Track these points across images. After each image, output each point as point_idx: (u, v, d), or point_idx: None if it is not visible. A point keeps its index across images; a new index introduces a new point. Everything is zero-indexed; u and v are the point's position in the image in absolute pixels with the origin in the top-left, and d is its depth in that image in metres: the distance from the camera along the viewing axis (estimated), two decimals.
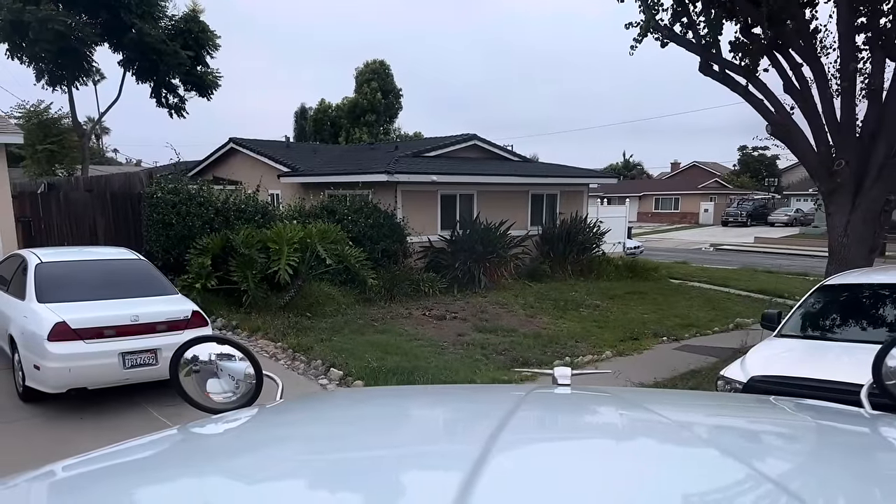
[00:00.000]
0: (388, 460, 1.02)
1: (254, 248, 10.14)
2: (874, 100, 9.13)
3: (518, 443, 1.06)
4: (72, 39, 15.09)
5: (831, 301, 6.02)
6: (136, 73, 17.66)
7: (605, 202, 27.04)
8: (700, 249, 30.69)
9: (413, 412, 1.49)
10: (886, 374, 1.48)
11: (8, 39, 15.08)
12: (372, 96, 32.30)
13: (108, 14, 15.55)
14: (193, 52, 16.92)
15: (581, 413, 1.48)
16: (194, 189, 10.82)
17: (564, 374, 1.76)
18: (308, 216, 12.27)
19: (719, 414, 1.46)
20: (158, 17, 16.58)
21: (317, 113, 35.08)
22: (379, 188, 13.66)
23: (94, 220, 10.94)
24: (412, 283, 13.06)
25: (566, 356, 8.95)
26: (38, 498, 0.93)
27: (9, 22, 14.53)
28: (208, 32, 17.22)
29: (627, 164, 67.31)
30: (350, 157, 17.40)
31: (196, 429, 1.26)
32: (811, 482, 0.91)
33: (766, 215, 43.61)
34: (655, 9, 9.23)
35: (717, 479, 0.89)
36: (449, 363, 8.48)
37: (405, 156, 15.02)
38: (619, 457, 1.06)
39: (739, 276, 18.16)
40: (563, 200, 17.18)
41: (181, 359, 1.59)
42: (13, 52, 15.42)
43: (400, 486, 0.88)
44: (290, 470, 0.99)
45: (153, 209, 10.39)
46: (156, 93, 18.21)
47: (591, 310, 12.26)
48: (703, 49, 9.36)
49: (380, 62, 33.52)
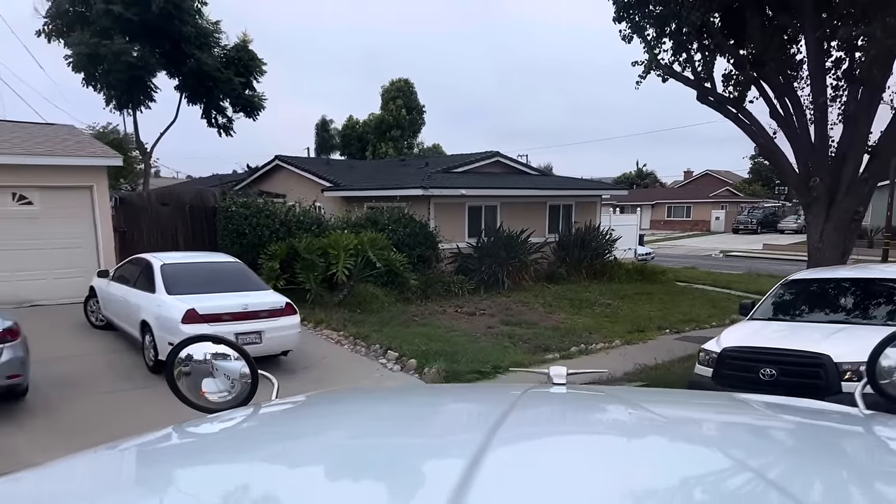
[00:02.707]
0: (385, 458, 1.03)
1: (314, 253, 11.90)
2: (849, 124, 10.68)
3: (513, 441, 1.07)
4: (139, 69, 17.02)
5: (792, 292, 7.62)
6: (189, 96, 19.56)
7: (617, 211, 28.56)
8: (710, 256, 32.03)
9: (409, 411, 1.48)
10: (880, 373, 1.48)
11: (85, 69, 17.04)
12: (397, 113, 34.32)
13: (169, 45, 17.46)
14: (244, 78, 18.81)
15: (576, 411, 1.49)
16: (262, 203, 12.61)
17: (560, 373, 1.76)
18: (354, 226, 14.02)
19: (714, 413, 1.46)
20: (213, 47, 18.49)
21: (345, 129, 37.15)
22: (414, 201, 15.38)
23: (175, 230, 12.79)
24: (444, 284, 14.72)
25: (581, 344, 10.57)
26: (33, 498, 0.90)
27: (86, 55, 16.47)
28: (256, 60, 19.10)
29: (640, 173, 68.60)
30: (384, 172, 19.21)
31: (192, 428, 1.26)
32: (805, 481, 0.91)
33: (776, 223, 44.70)
34: (657, 49, 10.88)
35: (710, 477, 0.90)
36: (483, 348, 10.12)
37: (436, 172, 16.74)
38: (613, 454, 1.06)
39: (743, 279, 19.66)
40: (577, 210, 18.82)
41: (176, 358, 1.62)
42: (88, 81, 17.40)
43: (397, 483, 0.89)
44: (286, 468, 1.00)
45: (228, 220, 12.19)
46: (206, 114, 20.09)
47: (603, 308, 13.85)
48: (699, 83, 10.99)
49: (404, 80, 35.56)
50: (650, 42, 10.84)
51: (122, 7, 15.91)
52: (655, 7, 10.66)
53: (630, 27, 10.81)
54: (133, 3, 15.99)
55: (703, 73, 10.87)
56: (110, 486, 0.96)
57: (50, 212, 11.46)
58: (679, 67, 11.08)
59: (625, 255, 20.56)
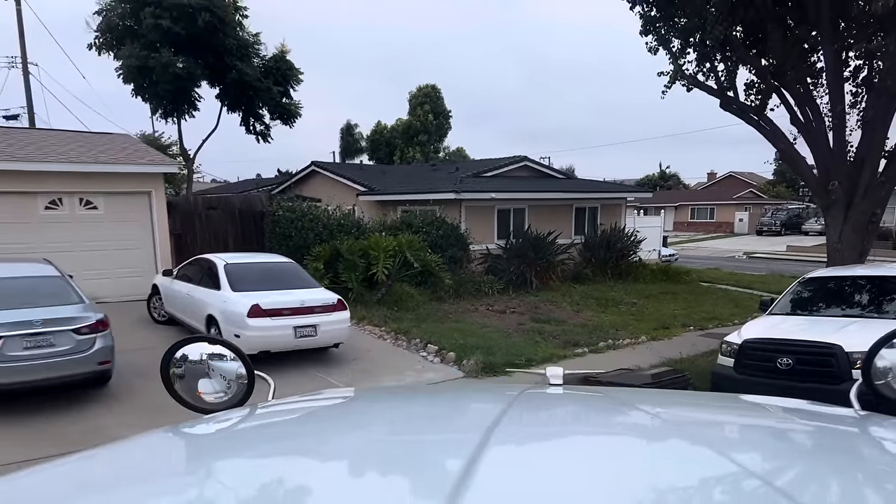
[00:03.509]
0: (381, 458, 1.04)
1: (356, 254, 12.67)
2: (867, 130, 11.16)
3: (509, 441, 1.08)
4: (184, 80, 17.97)
5: (810, 289, 8.18)
6: (229, 104, 20.49)
7: (641, 213, 28.91)
8: (733, 257, 32.28)
9: (406, 411, 1.49)
10: (875, 374, 1.49)
11: (134, 81, 18.03)
12: (424, 118, 35.20)
13: (213, 57, 18.37)
14: (282, 87, 19.69)
15: (572, 411, 1.51)
16: (307, 207, 13.42)
17: (556, 374, 1.77)
18: (390, 228, 14.77)
19: (709, 413, 1.47)
20: (253, 57, 19.39)
21: (373, 133, 38.13)
22: (446, 204, 16.09)
23: (226, 233, 13.67)
24: (475, 284, 15.38)
25: (609, 339, 11.18)
26: (28, 500, 0.90)
27: (136, 67, 17.45)
28: (293, 70, 19.96)
29: (664, 175, 68.64)
30: (416, 177, 19.97)
31: (187, 429, 1.27)
32: (801, 481, 0.91)
33: (800, 224, 44.59)
34: (682, 60, 11.47)
35: (705, 477, 0.90)
36: (515, 343, 10.77)
37: (467, 176, 17.45)
38: (608, 454, 1.08)
39: (765, 280, 20.07)
40: (603, 212, 19.39)
41: (172, 358, 1.62)
42: (137, 91, 18.40)
43: (394, 483, 0.90)
44: (283, 468, 1.00)
45: (276, 224, 13.03)
46: (245, 121, 21.00)
47: (628, 306, 14.43)
48: (722, 93, 11.55)
49: (431, 86, 36.47)
50: (675, 53, 11.43)
51: (170, 21, 16.85)
52: (680, 20, 11.25)
53: (656, 39, 11.41)
54: (181, 18, 16.93)
55: (726, 82, 11.43)
56: (104, 487, 0.95)
57: (113, 216, 12.39)
58: (703, 77, 11.65)
59: (649, 256, 21.06)
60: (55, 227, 11.85)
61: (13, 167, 11.28)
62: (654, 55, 11.66)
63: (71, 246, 11.63)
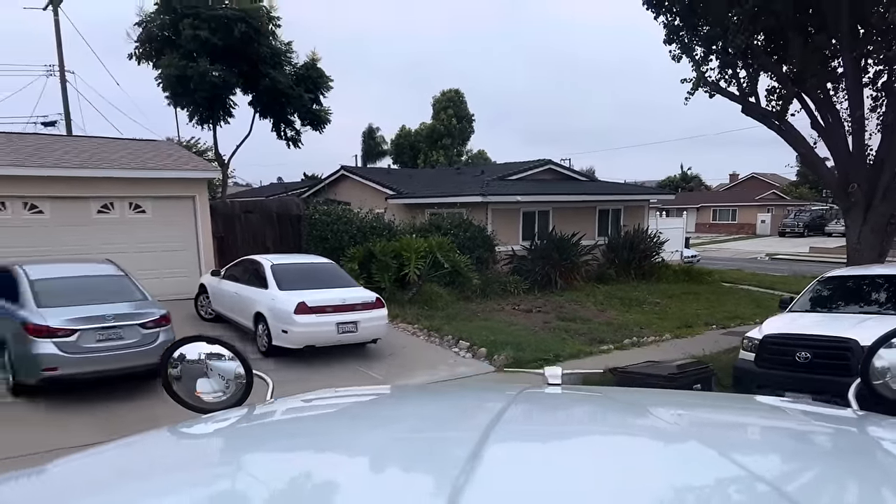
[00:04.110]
0: (379, 458, 1.04)
1: (388, 255, 13.23)
2: (887, 133, 11.45)
3: (507, 440, 1.08)
4: (220, 88, 18.73)
5: (828, 287, 8.57)
6: (261, 111, 21.22)
7: (663, 214, 29.13)
8: (755, 259, 32.33)
9: (404, 411, 1.49)
10: (873, 373, 1.51)
11: (173, 89, 18.83)
12: (448, 122, 35.88)
13: (248, 66, 19.12)
14: (312, 94, 20.38)
15: (570, 411, 1.52)
16: (342, 211, 14.04)
17: (555, 373, 1.77)
18: (419, 231, 15.32)
19: (707, 413, 1.48)
20: (285, 65, 20.11)
21: (398, 137, 38.91)
22: (473, 207, 16.60)
23: (264, 235, 14.34)
24: (501, 284, 15.86)
25: (634, 337, 11.61)
26: (26, 500, 0.91)
27: (175, 76, 18.24)
28: (324, 77, 20.66)
29: (685, 177, 68.49)
30: (442, 180, 20.54)
31: (185, 429, 1.27)
32: (799, 480, 0.92)
33: (824, 226, 44.33)
34: (704, 68, 11.87)
35: (702, 477, 0.91)
36: (543, 340, 11.24)
37: (492, 180, 17.97)
38: (606, 453, 1.09)
39: (787, 281, 20.28)
40: (626, 214, 19.78)
41: (170, 358, 1.64)
42: (175, 99, 19.21)
43: (394, 483, 0.91)
44: (281, 469, 1.00)
45: (312, 227, 13.66)
46: (276, 127, 21.73)
47: (652, 306, 14.81)
48: (743, 99, 11.92)
49: (455, 91, 37.16)
50: (698, 61, 11.84)
51: (208, 32, 17.61)
52: (702, 27, 11.66)
53: (680, 48, 11.83)
54: (218, 29, 17.68)
55: (747, 88, 11.80)
56: (100, 487, 0.96)
57: (160, 219, 13.11)
58: (725, 84, 12.03)
59: (671, 257, 21.38)
60: (107, 230, 12.59)
61: (71, 174, 12.04)
62: (677, 63, 12.08)
63: (121, 247, 12.32)
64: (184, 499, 0.87)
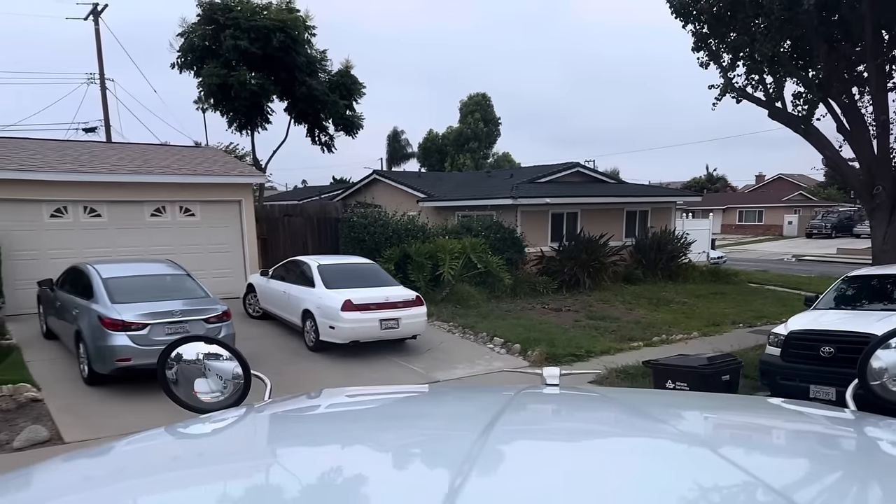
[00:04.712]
0: (377, 458, 1.05)
1: (423, 256, 13.79)
2: None
3: (505, 441, 1.08)
4: (259, 95, 19.47)
5: (852, 286, 8.93)
6: (296, 117, 21.93)
7: (689, 216, 29.31)
8: (782, 260, 32.29)
9: (403, 411, 1.50)
10: (871, 374, 1.52)
11: (213, 97, 19.64)
12: (475, 126, 36.54)
13: (285, 74, 19.85)
14: (346, 101, 21.06)
15: (568, 411, 1.53)
16: (378, 214, 14.65)
17: (553, 374, 1.80)
18: (451, 232, 15.86)
19: (704, 413, 1.48)
20: (320, 73, 20.81)
21: (426, 142, 39.69)
22: (503, 210, 17.10)
23: (305, 238, 15.05)
24: (530, 284, 16.31)
25: (662, 335, 12.02)
26: (26, 499, 0.91)
27: (216, 84, 19.03)
28: (357, 84, 21.32)
29: (711, 178, 68.15)
30: (472, 184, 21.08)
31: (183, 428, 1.28)
32: (796, 480, 0.93)
33: (852, 227, 43.93)
34: (731, 74, 12.25)
35: (700, 477, 0.91)
36: (574, 337, 11.68)
37: (521, 183, 18.43)
38: (604, 453, 1.09)
39: (813, 281, 20.42)
40: (653, 216, 20.11)
41: (168, 358, 1.64)
42: (216, 107, 20.03)
43: (391, 484, 0.90)
44: (278, 469, 1.01)
45: (350, 229, 14.28)
46: (310, 133, 22.44)
47: (679, 305, 15.16)
48: (770, 104, 12.28)
49: (482, 95, 37.86)
50: (725, 68, 12.22)
51: (247, 42, 18.37)
52: (730, 35, 12.05)
53: (707, 55, 12.23)
54: (257, 39, 18.44)
55: (774, 94, 12.16)
56: (101, 487, 0.96)
57: (208, 222, 13.84)
58: (751, 90, 12.40)
59: (698, 258, 21.65)
60: (159, 232, 13.35)
61: (126, 179, 12.82)
62: (705, 70, 12.47)
63: (172, 249, 13.04)
64: (179, 498, 0.88)
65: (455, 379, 9.33)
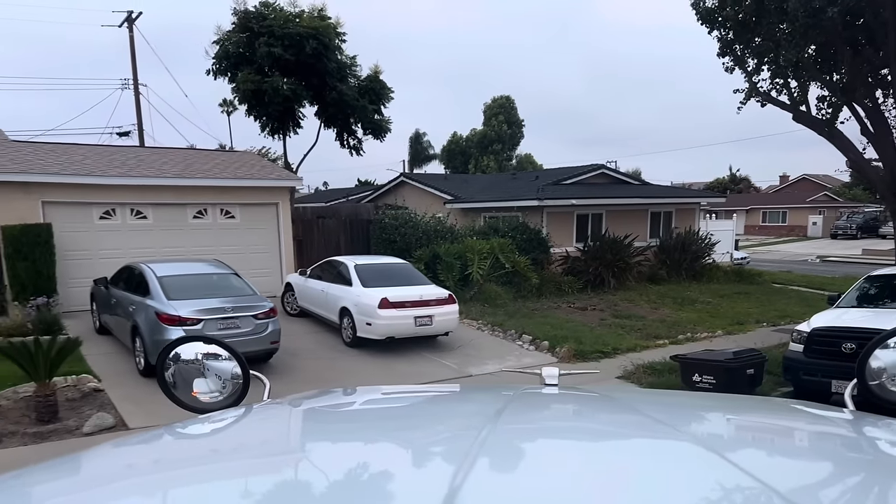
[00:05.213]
0: (376, 459, 1.04)
1: (452, 257, 14.25)
2: None
3: (505, 441, 1.08)
4: (291, 101, 20.10)
5: (875, 285, 9.20)
6: (325, 121, 22.54)
7: (713, 216, 29.39)
8: (806, 261, 32.19)
9: (401, 411, 1.51)
10: (870, 374, 1.52)
11: (248, 102, 20.32)
12: (499, 128, 37.04)
13: (316, 79, 20.47)
14: (375, 105, 21.62)
15: (567, 411, 1.54)
16: (409, 216, 15.14)
17: (552, 374, 1.80)
18: (478, 233, 16.29)
19: (703, 412, 1.48)
20: (350, 78, 21.40)
21: (450, 144, 40.30)
22: (528, 211, 17.49)
23: (338, 239, 15.62)
24: (555, 283, 16.65)
25: (688, 333, 12.33)
26: (26, 499, 0.92)
27: (251, 91, 19.70)
28: (385, 88, 21.89)
29: (734, 178, 67.71)
30: (497, 185, 21.52)
31: (181, 428, 1.28)
32: (794, 480, 0.92)
33: (878, 228, 43.36)
34: (756, 78, 12.54)
35: (699, 477, 0.91)
36: (601, 335, 12.03)
37: (547, 184, 18.82)
38: (603, 454, 1.09)
39: (836, 282, 20.47)
40: (677, 216, 20.36)
41: (167, 358, 1.65)
42: (250, 112, 20.70)
43: (390, 484, 0.91)
44: (277, 469, 1.01)
45: (382, 230, 14.79)
46: (339, 136, 23.04)
47: (704, 305, 15.42)
48: (794, 108, 12.54)
49: (506, 97, 38.37)
50: (750, 72, 12.51)
51: (281, 49, 19.02)
52: (754, 41, 12.34)
53: (732, 60, 12.53)
54: (291, 46, 19.08)
55: (798, 98, 12.43)
56: (101, 487, 0.96)
57: (247, 223, 14.45)
58: (776, 93, 12.68)
59: (721, 258, 21.82)
60: (201, 233, 13.97)
61: (171, 182, 13.46)
62: (730, 74, 12.77)
63: (213, 249, 13.64)
64: (178, 498, 0.89)
65: (486, 374, 9.76)
